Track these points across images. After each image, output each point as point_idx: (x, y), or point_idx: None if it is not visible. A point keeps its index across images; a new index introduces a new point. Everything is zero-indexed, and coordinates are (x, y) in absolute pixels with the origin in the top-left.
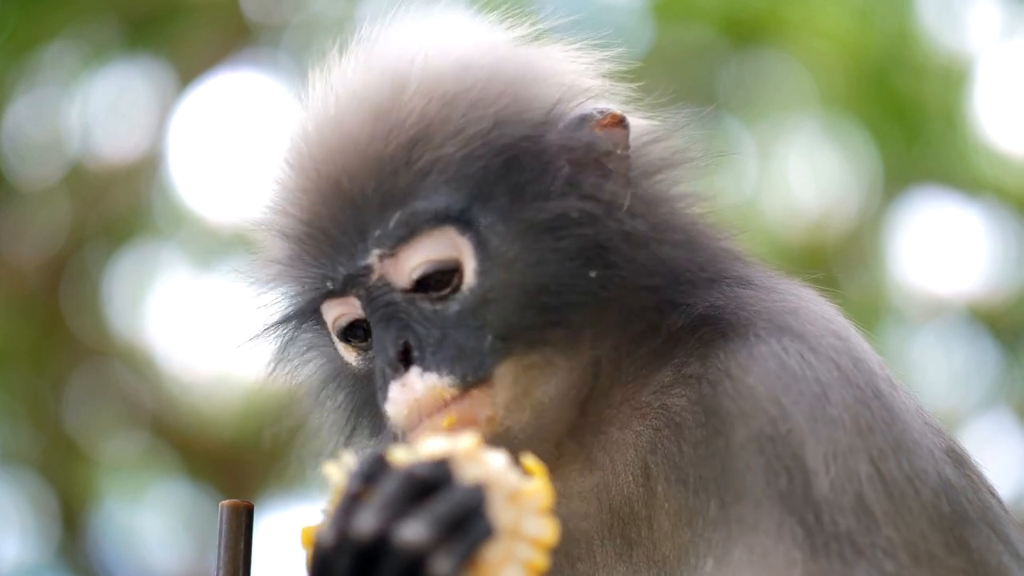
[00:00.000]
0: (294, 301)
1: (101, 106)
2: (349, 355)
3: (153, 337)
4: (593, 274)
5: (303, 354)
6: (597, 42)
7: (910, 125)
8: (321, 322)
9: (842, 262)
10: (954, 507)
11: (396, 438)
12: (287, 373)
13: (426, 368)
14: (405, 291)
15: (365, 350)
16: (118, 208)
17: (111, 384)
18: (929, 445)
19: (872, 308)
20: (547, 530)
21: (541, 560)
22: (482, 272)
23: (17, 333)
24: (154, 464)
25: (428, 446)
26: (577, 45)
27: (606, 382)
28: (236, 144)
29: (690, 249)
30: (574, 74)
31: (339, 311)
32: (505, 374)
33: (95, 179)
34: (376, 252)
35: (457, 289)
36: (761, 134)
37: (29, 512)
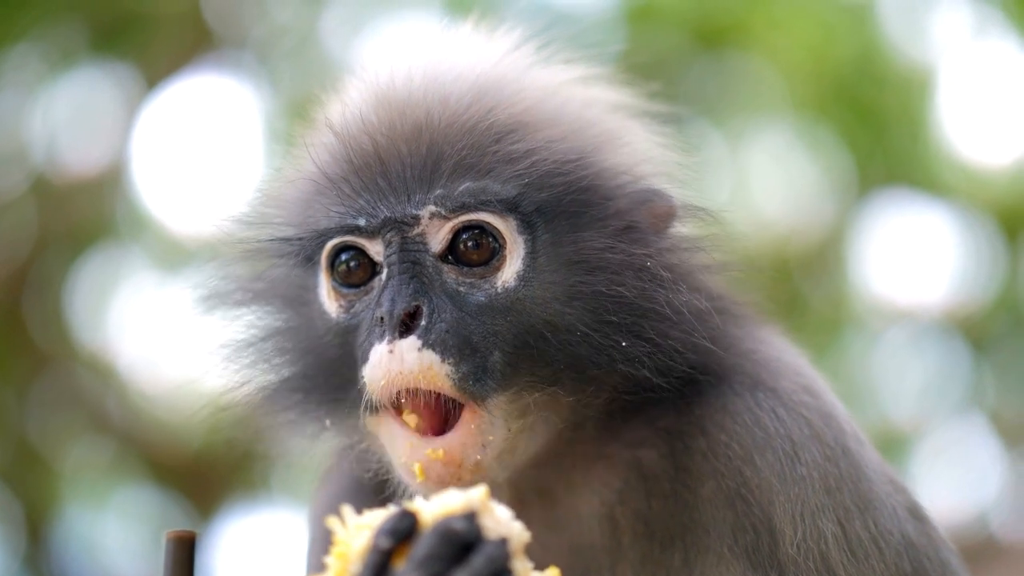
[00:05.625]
0: (308, 228)
1: (65, 112)
2: (332, 304)
3: (117, 345)
4: (624, 343)
5: (271, 296)
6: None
7: (875, 133)
8: (314, 263)
9: (809, 269)
10: (915, 566)
11: (368, 409)
12: (246, 315)
13: (428, 344)
14: (439, 256)
15: (351, 303)
16: (82, 216)
17: (75, 392)
18: (893, 503)
19: (840, 315)
20: None
21: None
22: (523, 279)
23: None
24: (119, 472)
25: (444, 500)
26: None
27: (584, 433)
28: (199, 151)
29: (706, 325)
30: (647, 143)
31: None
32: (499, 409)
33: (59, 187)
34: (431, 208)
35: (492, 276)
36: (731, 139)
37: None
